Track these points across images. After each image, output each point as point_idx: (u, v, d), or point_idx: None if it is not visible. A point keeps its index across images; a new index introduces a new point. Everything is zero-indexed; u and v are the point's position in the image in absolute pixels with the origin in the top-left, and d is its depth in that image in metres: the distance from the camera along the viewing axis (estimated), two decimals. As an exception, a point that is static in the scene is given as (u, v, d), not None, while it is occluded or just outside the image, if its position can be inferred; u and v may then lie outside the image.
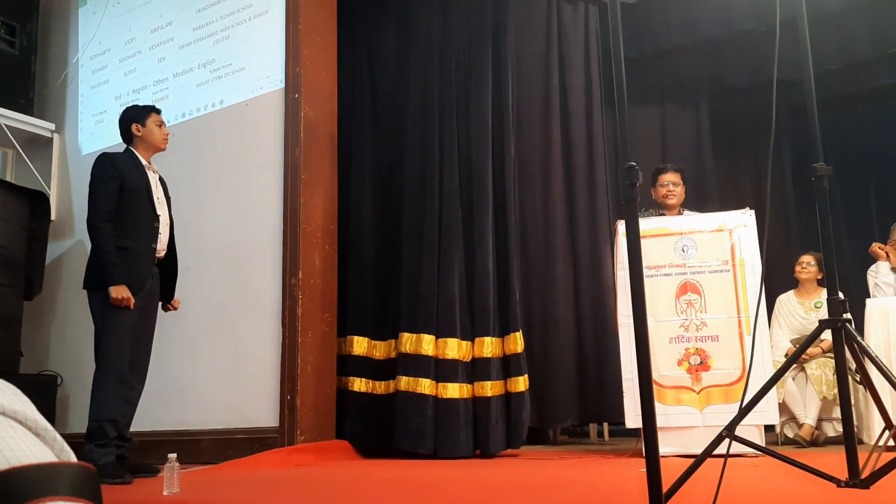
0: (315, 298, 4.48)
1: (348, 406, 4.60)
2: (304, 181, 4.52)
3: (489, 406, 4.31)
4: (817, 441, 4.67)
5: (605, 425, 5.77)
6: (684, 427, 3.96)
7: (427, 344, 4.39)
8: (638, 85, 6.43)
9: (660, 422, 4.00)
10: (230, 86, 4.87)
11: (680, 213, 4.50)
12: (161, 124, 3.80)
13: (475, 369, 4.40)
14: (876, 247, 4.87)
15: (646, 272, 4.19)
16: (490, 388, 4.34)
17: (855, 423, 4.32)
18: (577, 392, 4.98)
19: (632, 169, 1.74)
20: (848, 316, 1.88)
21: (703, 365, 3.98)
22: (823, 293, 5.08)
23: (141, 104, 3.92)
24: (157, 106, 3.90)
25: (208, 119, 4.94)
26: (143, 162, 3.74)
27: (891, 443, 2.12)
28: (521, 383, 4.38)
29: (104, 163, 3.63)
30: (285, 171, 4.55)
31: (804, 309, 5.02)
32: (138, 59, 5.35)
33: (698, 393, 3.99)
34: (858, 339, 1.82)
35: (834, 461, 2.24)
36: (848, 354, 1.94)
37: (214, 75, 4.95)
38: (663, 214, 4.49)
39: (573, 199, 5.23)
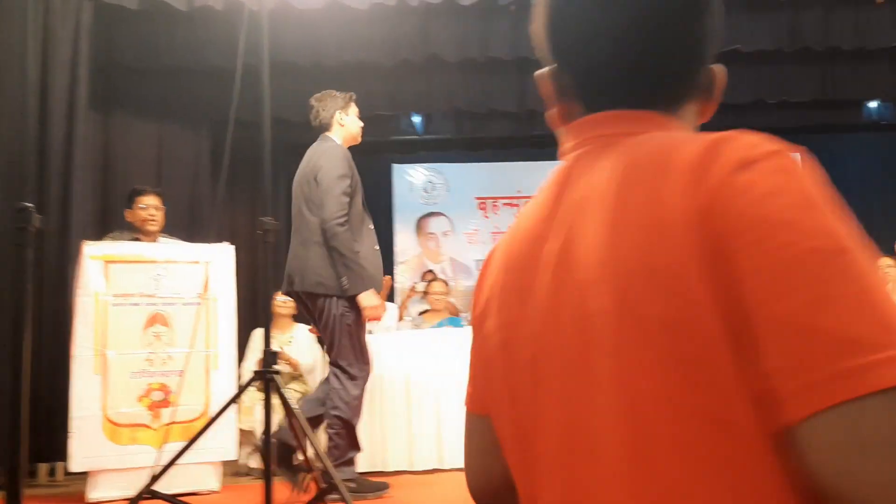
0: None
1: None
2: None
3: None
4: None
5: (62, 465, 5.16)
6: (138, 468, 3.72)
7: None
8: (139, 97, 6.07)
9: (112, 463, 3.75)
10: None
11: (157, 240, 4.29)
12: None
13: None
14: None
15: (112, 300, 3.91)
16: None
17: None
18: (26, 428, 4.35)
19: (25, 212, 1.48)
20: (278, 368, 1.90)
21: (165, 401, 3.81)
22: (297, 328, 5.35)
23: None
24: None
25: None
26: None
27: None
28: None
29: None
30: None
31: (277, 343, 5.20)
32: None
33: (157, 430, 3.79)
34: (283, 392, 1.85)
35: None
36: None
37: None
38: (138, 239, 4.22)
39: (46, 210, 4.64)
